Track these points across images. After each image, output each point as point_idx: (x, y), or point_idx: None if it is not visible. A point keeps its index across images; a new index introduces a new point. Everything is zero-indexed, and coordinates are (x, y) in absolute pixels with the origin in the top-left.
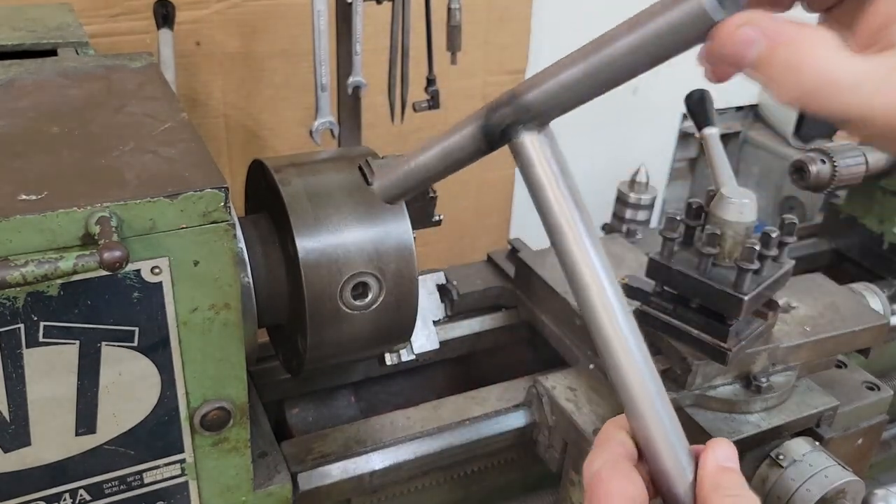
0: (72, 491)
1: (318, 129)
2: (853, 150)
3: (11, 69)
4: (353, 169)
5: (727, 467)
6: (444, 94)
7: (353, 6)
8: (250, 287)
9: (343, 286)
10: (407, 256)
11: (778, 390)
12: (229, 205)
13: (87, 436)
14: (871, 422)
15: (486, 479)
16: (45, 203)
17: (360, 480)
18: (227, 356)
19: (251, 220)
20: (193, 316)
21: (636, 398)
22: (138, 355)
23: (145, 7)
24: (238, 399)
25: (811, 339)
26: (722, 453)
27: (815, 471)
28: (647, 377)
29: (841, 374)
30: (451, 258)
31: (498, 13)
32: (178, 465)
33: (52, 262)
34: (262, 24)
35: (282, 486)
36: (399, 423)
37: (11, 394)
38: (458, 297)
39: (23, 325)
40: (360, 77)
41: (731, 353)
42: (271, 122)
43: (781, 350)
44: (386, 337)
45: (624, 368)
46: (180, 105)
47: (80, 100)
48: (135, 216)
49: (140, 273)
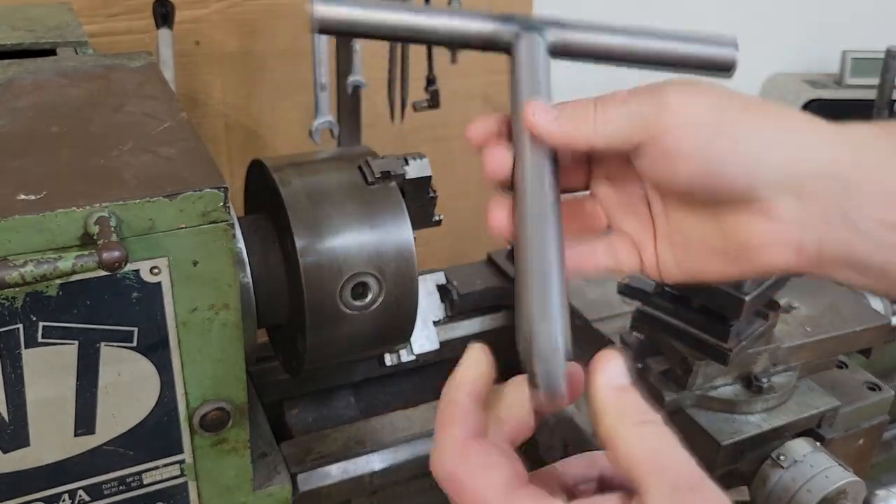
0: (71, 492)
1: (318, 128)
2: None
3: (10, 69)
4: (353, 169)
5: (624, 387)
6: (444, 93)
7: None
8: (250, 287)
9: (343, 286)
10: (407, 256)
11: (779, 391)
12: (229, 205)
13: (86, 436)
14: (873, 422)
15: None
16: (44, 203)
17: (359, 481)
18: (226, 356)
19: (251, 220)
20: (193, 316)
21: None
22: (137, 356)
23: (144, 6)
24: (237, 399)
25: (812, 339)
26: (614, 371)
27: (815, 471)
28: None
29: (842, 375)
30: (451, 258)
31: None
32: (178, 465)
33: (51, 263)
34: (262, 24)
35: (281, 486)
36: (399, 423)
37: (10, 394)
38: (458, 298)
39: (21, 326)
40: (360, 76)
41: (732, 353)
42: (271, 122)
43: (782, 350)
44: (386, 337)
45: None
46: (180, 104)
47: (79, 99)
48: (134, 216)
49: (139, 273)
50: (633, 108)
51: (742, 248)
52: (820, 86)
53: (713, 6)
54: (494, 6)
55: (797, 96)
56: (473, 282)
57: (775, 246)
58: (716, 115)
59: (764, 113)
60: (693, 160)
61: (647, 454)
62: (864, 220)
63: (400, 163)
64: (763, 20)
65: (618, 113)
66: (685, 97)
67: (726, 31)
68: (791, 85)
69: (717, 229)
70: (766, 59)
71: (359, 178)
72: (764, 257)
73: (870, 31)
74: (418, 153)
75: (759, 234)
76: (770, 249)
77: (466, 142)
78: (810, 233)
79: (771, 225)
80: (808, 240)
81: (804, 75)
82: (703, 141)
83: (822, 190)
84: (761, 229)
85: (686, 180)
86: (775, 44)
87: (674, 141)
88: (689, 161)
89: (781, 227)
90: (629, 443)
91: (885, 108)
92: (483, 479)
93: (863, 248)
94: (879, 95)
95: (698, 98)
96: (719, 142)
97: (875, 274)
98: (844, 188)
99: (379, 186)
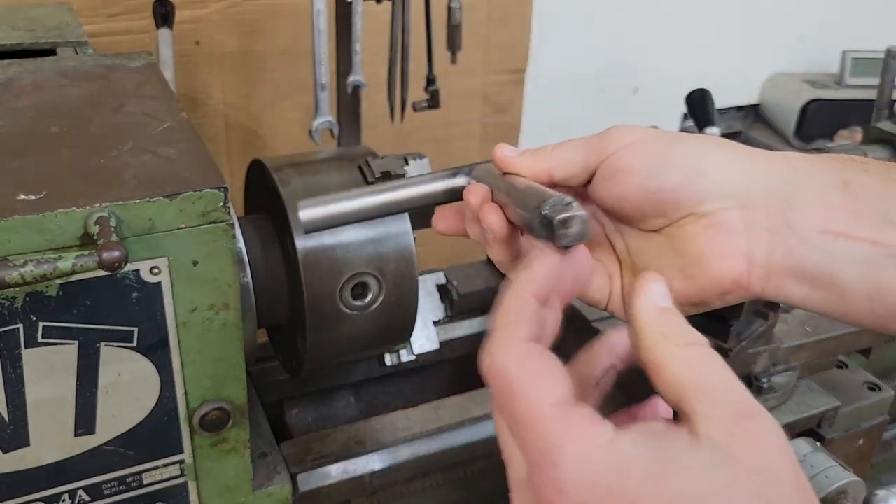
0: (71, 492)
1: (318, 128)
2: (854, 150)
3: (10, 69)
4: (353, 169)
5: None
6: (444, 93)
7: (353, 6)
8: (250, 287)
9: (343, 286)
10: (407, 256)
11: (779, 391)
12: (228, 205)
13: (86, 436)
14: (873, 422)
15: (486, 481)
16: (44, 203)
17: (359, 481)
18: (226, 356)
19: (251, 220)
20: (193, 316)
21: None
22: (137, 356)
23: (144, 6)
24: (237, 399)
25: (812, 339)
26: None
27: (815, 471)
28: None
29: (842, 375)
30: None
31: (498, 13)
32: (178, 465)
33: (51, 263)
34: (262, 24)
35: (281, 486)
36: (399, 423)
37: (10, 394)
38: (458, 298)
39: (21, 326)
40: (360, 76)
41: (732, 353)
42: (271, 122)
43: (782, 350)
44: (386, 337)
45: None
46: (180, 104)
47: (79, 99)
48: (134, 216)
49: (139, 273)
50: (583, 141)
51: (695, 261)
52: (820, 86)
53: (714, 6)
54: (494, 5)
55: (797, 96)
56: (473, 282)
57: (726, 255)
58: (656, 136)
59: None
60: (636, 172)
61: (697, 377)
62: (806, 230)
63: (400, 163)
64: (763, 20)
65: (571, 145)
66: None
67: (726, 31)
68: (791, 85)
69: (670, 247)
70: (766, 59)
71: (359, 178)
72: (716, 268)
73: (870, 31)
74: (418, 153)
75: (710, 244)
76: (721, 259)
77: (466, 143)
78: (758, 242)
79: (719, 235)
80: (757, 250)
81: (804, 75)
82: (648, 154)
83: (764, 202)
84: (711, 240)
85: (636, 195)
86: (775, 44)
87: (621, 157)
88: (632, 174)
89: (729, 235)
90: (676, 365)
91: (885, 108)
92: (538, 391)
93: (809, 256)
94: (879, 95)
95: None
96: (662, 154)
97: (824, 284)
98: (786, 202)
99: None
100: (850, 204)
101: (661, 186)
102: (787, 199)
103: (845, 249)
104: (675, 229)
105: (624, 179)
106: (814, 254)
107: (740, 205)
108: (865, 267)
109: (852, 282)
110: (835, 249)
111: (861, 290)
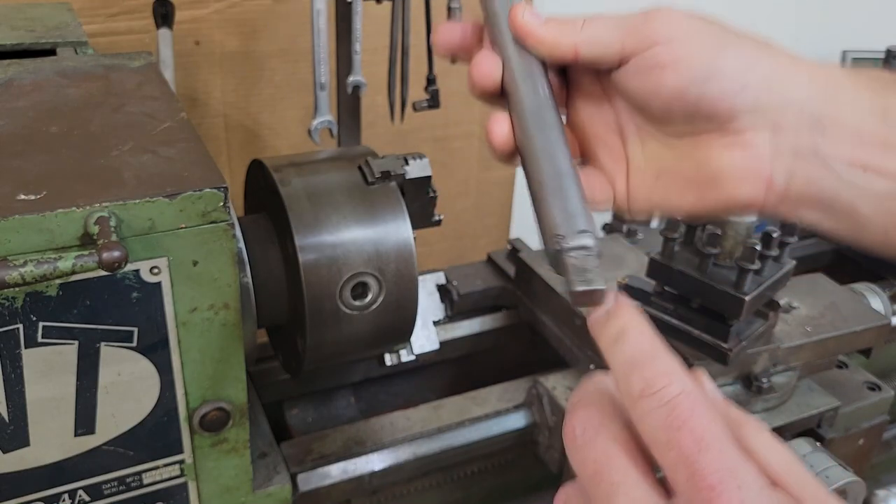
0: (71, 492)
1: (317, 128)
2: None
3: (10, 69)
4: (353, 169)
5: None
6: (444, 93)
7: (353, 5)
8: (250, 287)
9: (343, 286)
10: (407, 256)
11: (779, 391)
12: (229, 204)
13: (86, 436)
14: (873, 422)
15: (486, 480)
16: (44, 203)
17: (359, 481)
18: (226, 356)
19: (250, 220)
20: (193, 316)
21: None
22: (137, 355)
23: (144, 6)
24: (237, 399)
25: (812, 339)
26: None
27: (815, 471)
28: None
29: (842, 375)
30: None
31: None
32: (178, 465)
33: (51, 263)
34: (262, 24)
35: (281, 486)
36: (399, 423)
37: (10, 394)
38: (459, 298)
39: (21, 326)
40: (360, 76)
41: (732, 353)
42: (271, 122)
43: (782, 350)
44: (386, 337)
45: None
46: (179, 104)
47: (78, 99)
48: (134, 216)
49: (139, 273)
50: (621, 20)
51: (713, 178)
52: None
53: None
54: None
55: None
56: (473, 282)
57: (746, 179)
58: (705, 32)
59: (749, 37)
60: (680, 72)
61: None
62: (833, 159)
63: (400, 163)
64: (763, 20)
65: (607, 23)
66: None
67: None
68: None
69: (690, 158)
70: None
71: (359, 178)
72: (733, 190)
73: (870, 31)
74: (418, 153)
75: (732, 165)
76: (740, 182)
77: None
78: (781, 167)
79: (744, 156)
80: (779, 173)
81: None
82: (695, 56)
83: (795, 123)
84: (734, 160)
85: (669, 95)
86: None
87: (663, 51)
88: (675, 73)
89: (754, 159)
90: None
91: None
92: (622, 498)
93: (831, 186)
94: None
95: (688, 17)
96: (711, 59)
97: (840, 214)
98: (818, 124)
99: (379, 186)
100: (886, 135)
101: (701, 94)
102: (820, 121)
103: (871, 182)
104: (698, 140)
105: (662, 77)
106: (836, 184)
107: (772, 125)
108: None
109: (871, 213)
110: (860, 181)
111: (879, 220)
